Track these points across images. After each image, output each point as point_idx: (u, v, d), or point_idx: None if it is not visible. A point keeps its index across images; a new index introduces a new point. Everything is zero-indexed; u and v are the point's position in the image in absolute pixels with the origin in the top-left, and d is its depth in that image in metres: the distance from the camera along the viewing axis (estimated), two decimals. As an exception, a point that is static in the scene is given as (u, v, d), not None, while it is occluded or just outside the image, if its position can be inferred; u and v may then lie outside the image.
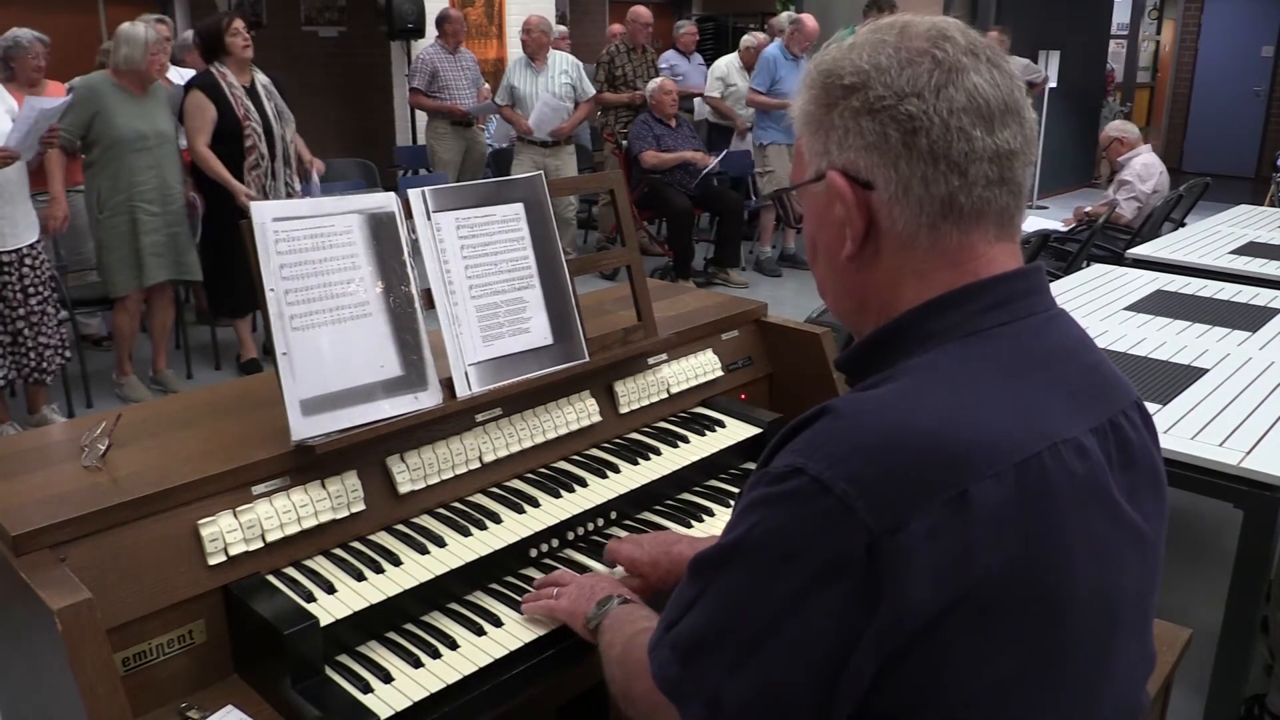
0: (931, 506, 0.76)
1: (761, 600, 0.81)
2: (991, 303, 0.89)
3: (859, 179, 0.89)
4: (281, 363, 1.38)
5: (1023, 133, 0.88)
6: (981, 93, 0.86)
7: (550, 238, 1.70)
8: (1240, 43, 12.12)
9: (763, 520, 0.82)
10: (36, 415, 4.30)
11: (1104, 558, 0.86)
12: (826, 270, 0.97)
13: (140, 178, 4.40)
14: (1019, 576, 0.79)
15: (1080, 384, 0.90)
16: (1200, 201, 6.06)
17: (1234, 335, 3.02)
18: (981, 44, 0.89)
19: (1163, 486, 0.97)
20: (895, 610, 0.76)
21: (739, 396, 2.02)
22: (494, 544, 1.46)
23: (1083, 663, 0.86)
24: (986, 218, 0.89)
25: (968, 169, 0.86)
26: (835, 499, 0.77)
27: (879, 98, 0.86)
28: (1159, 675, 1.65)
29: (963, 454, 0.78)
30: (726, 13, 11.87)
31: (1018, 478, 0.79)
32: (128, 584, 1.22)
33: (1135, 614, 0.92)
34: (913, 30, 0.89)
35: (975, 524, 0.77)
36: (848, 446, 0.80)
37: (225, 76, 4.54)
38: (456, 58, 6.92)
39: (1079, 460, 0.84)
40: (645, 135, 6.66)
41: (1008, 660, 0.80)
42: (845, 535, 0.76)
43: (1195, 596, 2.94)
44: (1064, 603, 0.82)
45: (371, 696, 1.24)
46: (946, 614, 0.77)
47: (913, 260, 0.90)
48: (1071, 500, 0.83)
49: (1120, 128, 5.73)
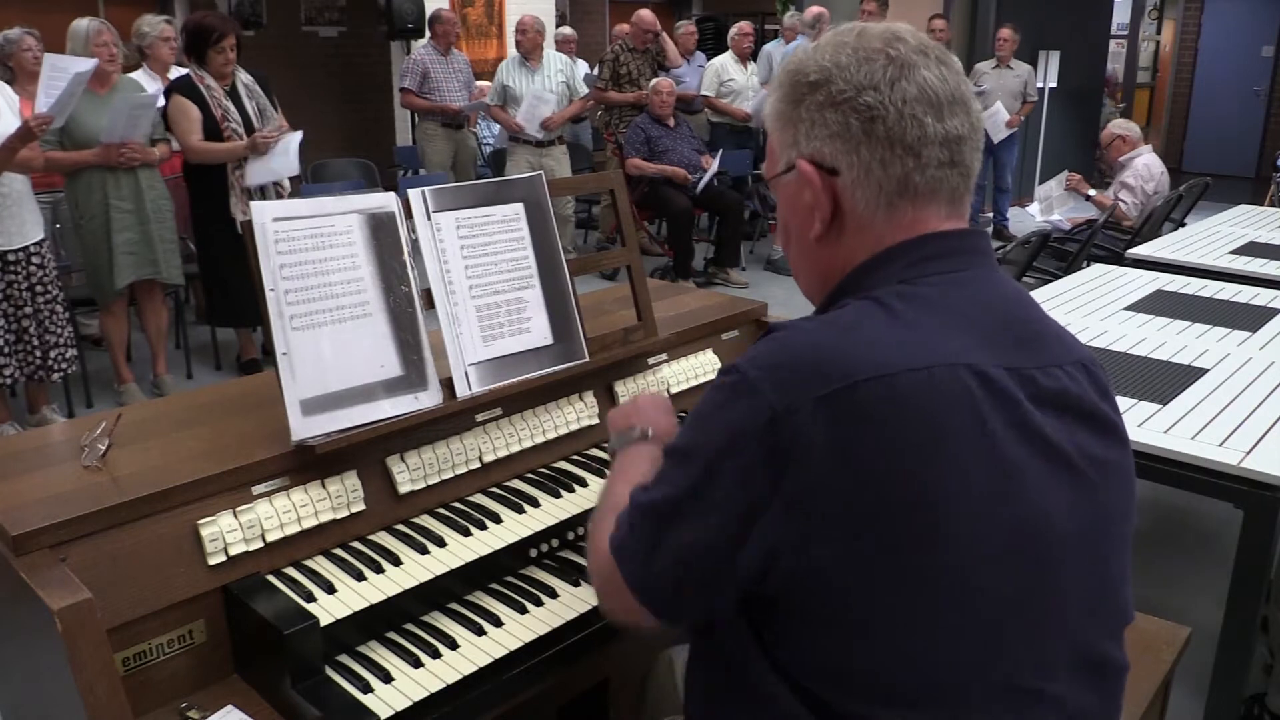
0: (824, 393, 0.88)
1: (688, 473, 0.96)
2: (924, 255, 0.99)
3: (824, 165, 1.00)
4: (281, 363, 1.38)
5: (970, 121, 0.99)
6: (931, 85, 0.97)
7: (550, 238, 1.70)
8: (1240, 43, 12.11)
9: (700, 408, 0.99)
10: (36, 415, 4.30)
11: (1020, 482, 0.91)
12: (798, 251, 1.09)
13: (111, 175, 4.33)
14: (909, 475, 0.87)
15: (1004, 331, 0.97)
16: (1200, 201, 6.06)
17: (1234, 335, 3.02)
18: (930, 44, 1.00)
19: (1117, 439, 1.02)
20: (800, 480, 0.88)
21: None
22: (494, 544, 1.47)
23: (1000, 582, 0.90)
24: (939, 196, 0.99)
25: (921, 151, 0.97)
26: (749, 383, 0.92)
27: (840, 91, 0.97)
28: (1159, 674, 1.65)
29: (858, 357, 0.90)
30: (726, 13, 11.87)
31: (909, 382, 0.89)
32: (128, 584, 1.22)
33: (1081, 555, 0.96)
34: (869, 33, 1.00)
35: (862, 414, 0.87)
36: (769, 350, 0.94)
37: (204, 80, 4.50)
38: (448, 59, 6.90)
39: (979, 383, 0.91)
40: (637, 139, 6.65)
41: (897, 549, 0.88)
42: (754, 411, 0.90)
43: (1195, 596, 2.94)
44: (952, 504, 0.88)
45: (372, 696, 1.24)
46: (844, 499, 0.87)
47: (871, 236, 1.00)
48: (969, 411, 0.90)
49: (1123, 126, 5.72)
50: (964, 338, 0.93)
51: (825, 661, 0.92)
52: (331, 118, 8.85)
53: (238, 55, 4.58)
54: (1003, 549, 0.90)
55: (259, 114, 4.63)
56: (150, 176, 4.49)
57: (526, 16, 6.71)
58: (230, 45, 4.50)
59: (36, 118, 3.72)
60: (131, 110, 4.25)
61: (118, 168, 4.32)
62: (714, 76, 7.36)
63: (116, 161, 4.29)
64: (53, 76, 3.80)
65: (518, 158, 6.56)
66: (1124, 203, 5.45)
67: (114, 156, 4.27)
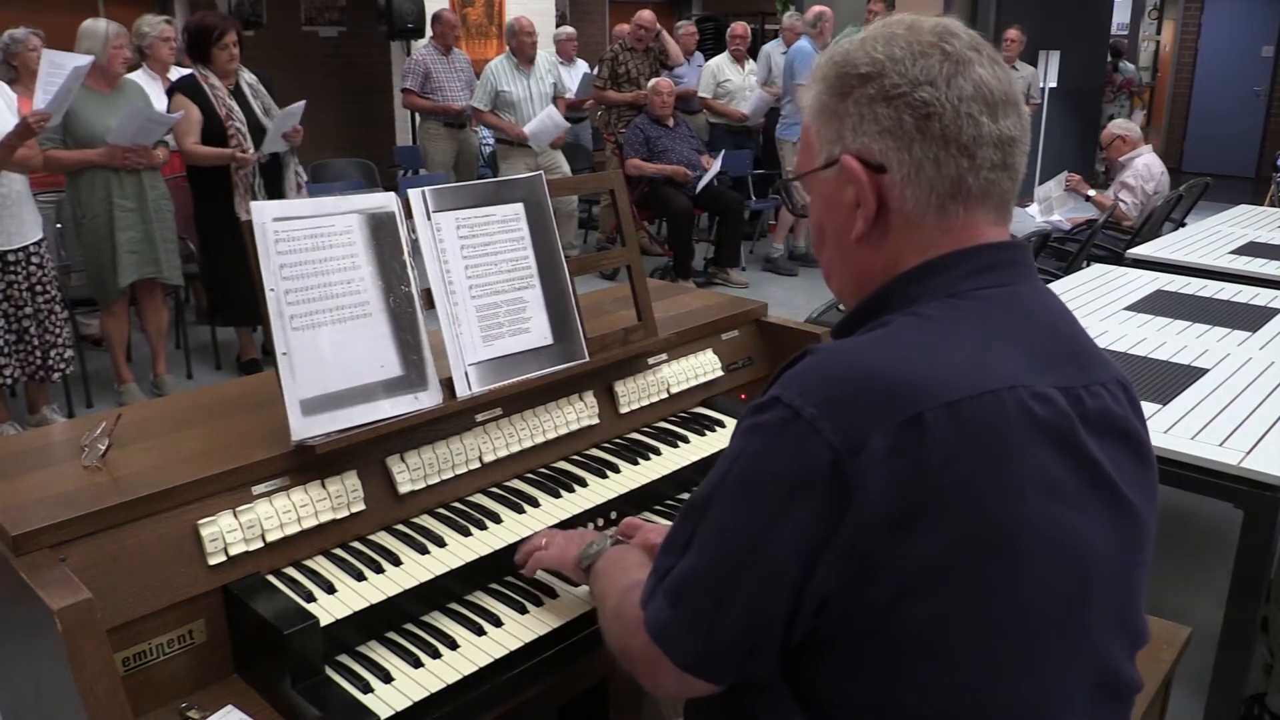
0: (888, 427, 0.83)
1: (742, 528, 0.88)
2: (975, 268, 0.94)
3: (872, 163, 0.94)
4: (281, 363, 1.38)
5: (1021, 122, 0.95)
6: (987, 84, 0.92)
7: (550, 238, 1.70)
8: (1240, 43, 12.11)
9: (744, 450, 0.90)
10: (36, 415, 4.30)
11: (1068, 502, 0.89)
12: (834, 251, 1.03)
13: (115, 175, 4.34)
14: (972, 502, 0.84)
15: (1052, 347, 0.94)
16: (1200, 201, 6.06)
17: (1234, 335, 3.02)
18: (981, 41, 0.96)
19: (1148, 465, 1.00)
20: (858, 526, 0.83)
21: (739, 396, 2.02)
22: (494, 544, 1.46)
23: (1047, 610, 0.88)
24: (990, 199, 0.95)
25: (976, 152, 0.92)
26: (804, 422, 0.85)
27: (894, 85, 0.92)
28: (1159, 674, 1.65)
29: (920, 384, 0.85)
30: (726, 13, 11.86)
31: (972, 409, 0.84)
32: (128, 584, 1.22)
33: (1112, 576, 0.94)
34: (921, 26, 0.95)
35: (929, 446, 0.83)
36: (818, 378, 0.88)
37: (208, 79, 4.52)
38: (450, 59, 6.90)
39: (1040, 405, 0.88)
40: (636, 140, 6.64)
41: (961, 586, 0.84)
42: (813, 454, 0.84)
43: (1195, 596, 2.94)
44: (1017, 537, 0.85)
45: (372, 696, 1.24)
46: (905, 532, 0.82)
47: (918, 238, 0.95)
48: (1030, 436, 0.87)
49: (1123, 126, 5.73)
50: (1019, 357, 0.90)
51: (866, 700, 0.88)
52: (331, 118, 8.85)
53: (240, 53, 4.59)
54: (1054, 576, 0.88)
55: (265, 113, 4.64)
56: (152, 176, 4.50)
57: (524, 19, 6.60)
58: (233, 41, 4.52)
59: (34, 114, 3.73)
60: (146, 121, 4.27)
61: (121, 168, 4.33)
62: (710, 77, 7.34)
63: (121, 164, 4.30)
64: (51, 73, 3.81)
65: (513, 160, 6.47)
66: (1124, 203, 5.45)
67: (119, 158, 4.28)
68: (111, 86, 4.39)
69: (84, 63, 3.89)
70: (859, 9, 7.34)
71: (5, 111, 3.83)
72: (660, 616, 0.94)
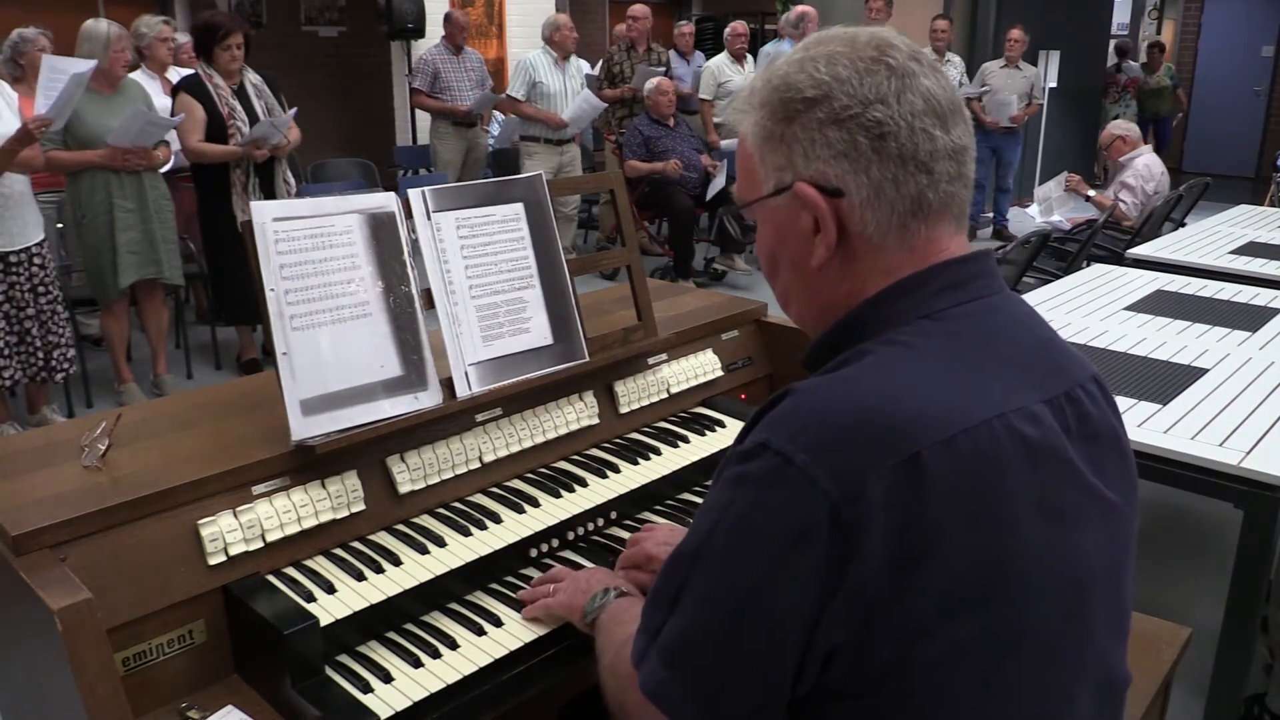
0: (884, 469, 0.80)
1: (737, 584, 0.84)
2: (943, 285, 0.93)
3: (828, 188, 0.91)
4: (281, 363, 1.38)
5: (968, 129, 0.94)
6: (935, 95, 0.91)
7: (550, 238, 1.70)
8: (1240, 43, 12.11)
9: (733, 501, 0.86)
10: (36, 415, 4.30)
11: (1065, 521, 0.88)
12: (792, 279, 0.99)
13: (115, 175, 4.35)
14: (974, 538, 0.82)
15: (1033, 359, 0.94)
16: (1200, 201, 6.06)
17: (1234, 335, 3.02)
18: (918, 50, 0.94)
19: (1128, 458, 0.99)
20: (861, 575, 0.80)
21: (739, 396, 2.02)
22: (494, 544, 1.46)
23: (1050, 629, 0.87)
24: (949, 212, 0.93)
25: (933, 167, 0.90)
26: (797, 470, 0.81)
27: (844, 107, 0.89)
28: (1159, 674, 1.65)
29: (913, 421, 0.82)
30: (726, 13, 11.87)
31: (968, 443, 0.83)
32: (128, 584, 1.22)
33: (1106, 579, 0.93)
34: (857, 40, 0.93)
35: (928, 487, 0.80)
36: (807, 421, 0.84)
37: (212, 78, 4.54)
38: (460, 59, 6.91)
39: (1032, 426, 0.87)
40: (635, 140, 6.65)
41: (968, 620, 0.83)
42: (809, 504, 0.80)
43: (1195, 596, 2.94)
44: (1020, 566, 0.84)
45: (372, 696, 1.24)
46: (908, 575, 0.80)
47: (882, 260, 0.93)
48: (1023, 464, 0.85)
49: (1123, 126, 5.73)
50: (1004, 377, 0.89)
51: None
52: (331, 118, 8.85)
53: (246, 54, 4.60)
54: (1054, 597, 0.87)
55: (268, 113, 4.65)
56: (152, 176, 4.50)
57: (560, 15, 6.75)
58: (237, 43, 4.53)
59: (35, 120, 3.73)
60: (146, 124, 4.27)
61: (122, 170, 4.33)
62: (711, 78, 7.30)
63: (122, 165, 4.30)
64: (51, 78, 3.81)
65: (539, 156, 6.50)
66: (1124, 203, 5.45)
67: (119, 160, 4.28)
68: (112, 88, 4.40)
69: (85, 69, 3.89)
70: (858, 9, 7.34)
71: (6, 112, 3.83)
72: (656, 676, 0.89)
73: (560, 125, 6.46)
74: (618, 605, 1.23)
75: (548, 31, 6.63)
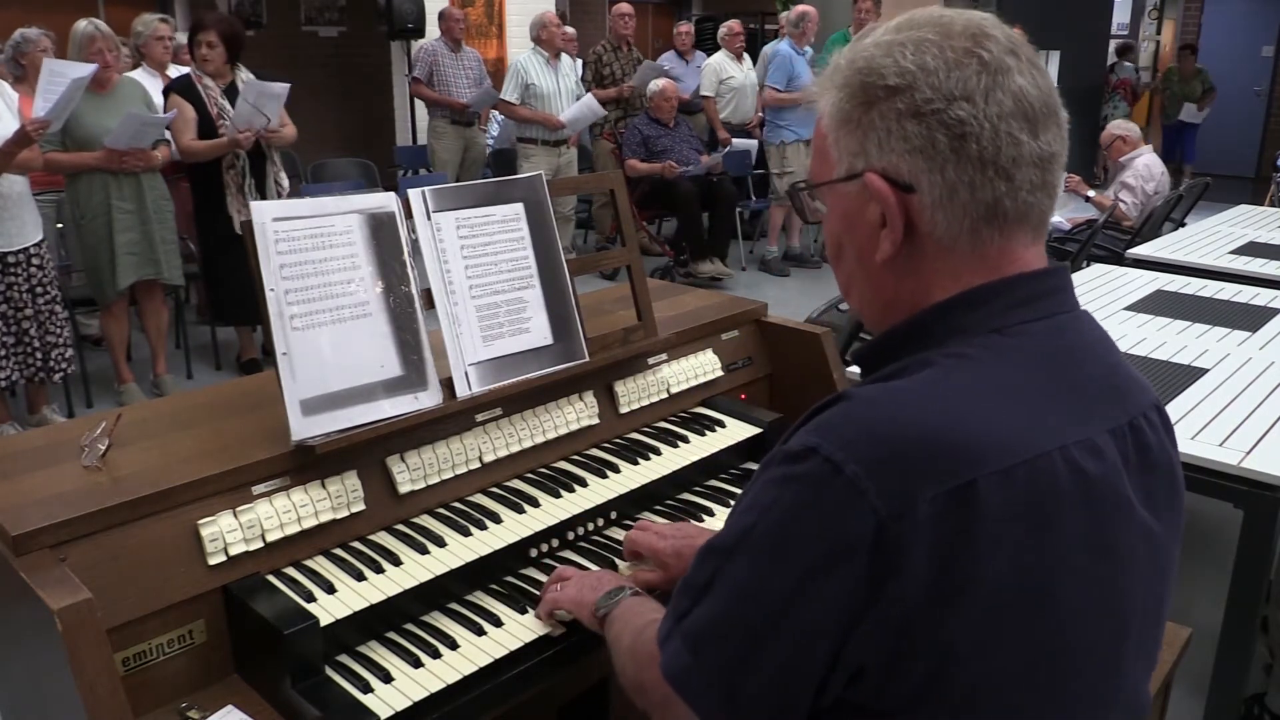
0: (938, 493, 0.76)
1: (773, 586, 0.81)
2: (1017, 300, 0.88)
3: (900, 182, 0.86)
4: (281, 363, 1.38)
5: (1061, 134, 0.88)
6: (1027, 95, 0.85)
7: (550, 238, 1.70)
8: (1240, 43, 12.11)
9: (776, 501, 0.82)
10: (36, 415, 4.30)
11: (1116, 560, 0.85)
12: (856, 269, 0.95)
13: (113, 176, 4.35)
14: (1021, 573, 0.79)
15: (1100, 385, 0.90)
16: (1200, 201, 6.07)
17: (1234, 335, 3.02)
18: (1018, 42, 0.88)
19: (1179, 490, 0.97)
20: (898, 595, 0.77)
21: (739, 396, 2.02)
22: (494, 544, 1.46)
23: (1092, 667, 0.85)
24: (1027, 222, 0.88)
25: (1014, 174, 0.85)
26: (846, 480, 0.77)
27: (926, 100, 0.84)
28: (1159, 675, 1.65)
29: (972, 446, 0.78)
30: (726, 13, 11.87)
31: (1026, 475, 0.79)
32: (128, 584, 1.22)
33: (1148, 618, 0.91)
34: (952, 28, 0.87)
35: (980, 516, 0.77)
36: (862, 431, 0.80)
37: (201, 79, 4.56)
38: (459, 56, 6.91)
39: (1093, 461, 0.84)
40: (634, 140, 6.64)
41: (1007, 654, 0.80)
42: (855, 517, 0.77)
43: (1195, 596, 2.94)
44: (1066, 603, 0.82)
45: (371, 696, 1.24)
46: (946, 604, 0.77)
47: (950, 263, 0.88)
48: (1082, 500, 0.82)
49: (1123, 126, 5.74)
50: (1072, 402, 0.86)
51: None
52: (331, 118, 8.86)
53: (234, 53, 4.60)
54: (1095, 634, 0.85)
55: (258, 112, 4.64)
56: (151, 177, 4.51)
57: (549, 13, 6.69)
58: (208, 41, 4.54)
59: (34, 122, 3.74)
60: (142, 125, 4.29)
61: (119, 171, 4.33)
62: (713, 76, 7.31)
63: (119, 167, 4.30)
64: (50, 81, 3.81)
65: (536, 158, 6.48)
66: (1124, 203, 5.45)
67: (117, 162, 4.28)
68: (107, 88, 4.40)
69: (84, 73, 3.90)
70: (853, 10, 7.33)
71: (5, 113, 3.83)
72: (679, 660, 0.88)
73: (557, 126, 6.44)
74: (633, 601, 1.22)
75: (535, 31, 6.59)
